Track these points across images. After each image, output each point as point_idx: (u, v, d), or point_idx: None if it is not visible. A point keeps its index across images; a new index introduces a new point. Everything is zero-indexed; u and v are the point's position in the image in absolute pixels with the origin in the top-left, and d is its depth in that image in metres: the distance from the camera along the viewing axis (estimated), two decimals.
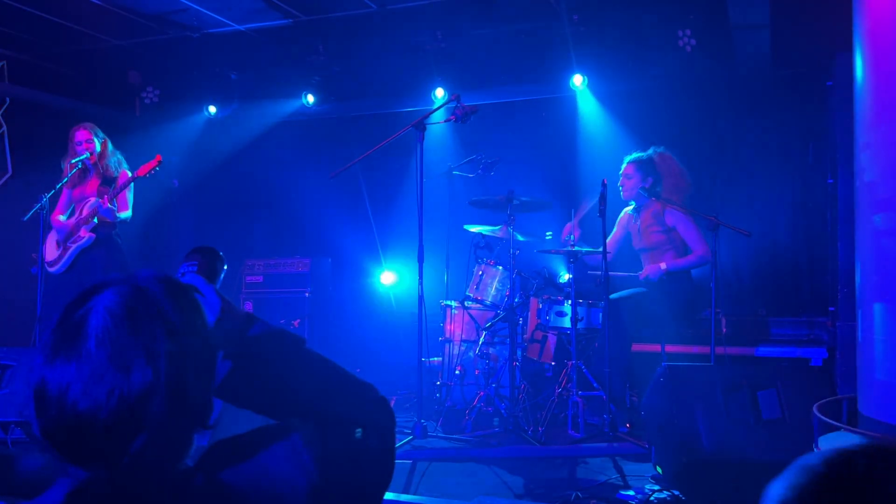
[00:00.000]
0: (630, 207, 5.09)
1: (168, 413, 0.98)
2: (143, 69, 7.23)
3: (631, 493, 3.36)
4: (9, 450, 3.88)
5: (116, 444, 0.96)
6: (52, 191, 5.17)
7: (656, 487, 3.39)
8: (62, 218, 5.31)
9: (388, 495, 3.22)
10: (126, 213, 5.29)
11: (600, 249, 4.46)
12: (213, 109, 7.02)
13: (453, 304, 5.12)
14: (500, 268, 4.90)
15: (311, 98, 6.67)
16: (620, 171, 4.98)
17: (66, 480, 0.99)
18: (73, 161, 5.19)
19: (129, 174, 5.29)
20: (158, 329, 1.00)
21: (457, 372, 4.89)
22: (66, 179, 5.24)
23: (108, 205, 5.11)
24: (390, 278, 7.21)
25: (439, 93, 6.32)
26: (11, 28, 6.39)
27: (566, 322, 4.62)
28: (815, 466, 0.79)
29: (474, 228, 5.11)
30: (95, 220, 5.18)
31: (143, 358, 0.97)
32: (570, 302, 4.55)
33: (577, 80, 5.93)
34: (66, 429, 0.95)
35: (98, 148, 5.26)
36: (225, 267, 1.41)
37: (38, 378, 0.98)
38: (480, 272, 4.98)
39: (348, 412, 1.22)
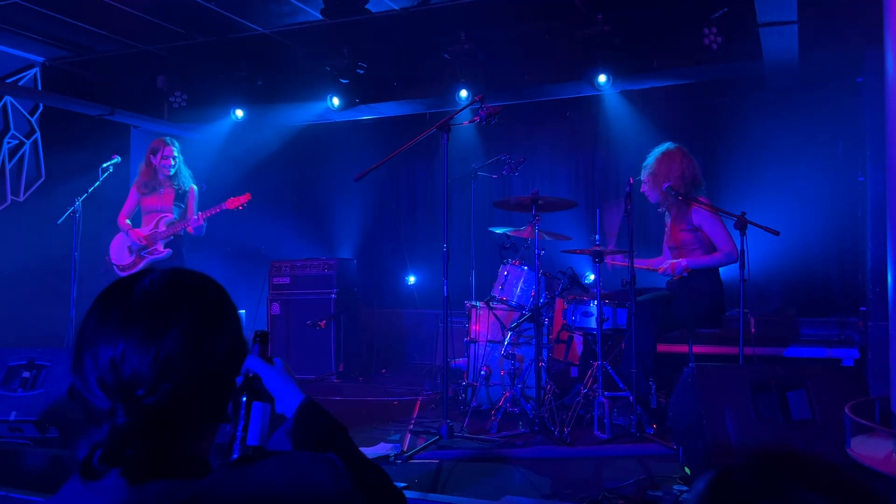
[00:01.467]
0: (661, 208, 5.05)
1: (199, 379, 1.06)
2: (171, 74, 7.34)
3: (659, 493, 3.34)
4: (43, 447, 3.96)
5: (155, 405, 1.03)
6: (85, 194, 5.29)
7: (684, 488, 3.37)
8: (129, 223, 5.59)
9: (415, 494, 3.23)
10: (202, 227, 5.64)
11: (626, 251, 4.44)
12: (239, 113, 7.10)
13: (479, 304, 5.13)
14: (526, 268, 4.90)
15: (336, 101, 6.71)
16: (641, 179, 4.94)
17: (90, 437, 1.04)
18: (162, 177, 5.51)
19: (195, 188, 5.64)
20: (204, 299, 1.12)
21: (482, 372, 4.89)
22: (142, 188, 5.56)
23: (202, 221, 5.46)
24: (415, 279, 7.23)
25: (463, 94, 6.33)
26: (44, 35, 6.52)
27: (592, 322, 4.61)
28: (700, 486, 0.83)
29: (500, 229, 5.11)
30: (172, 236, 5.43)
31: (176, 328, 1.06)
32: (595, 302, 4.54)
33: (602, 79, 5.90)
34: (112, 390, 1.03)
35: (179, 164, 5.54)
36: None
37: (87, 342, 1.06)
38: (506, 272, 4.98)
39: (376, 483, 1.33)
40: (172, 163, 5.53)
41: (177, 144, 5.64)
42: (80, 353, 1.06)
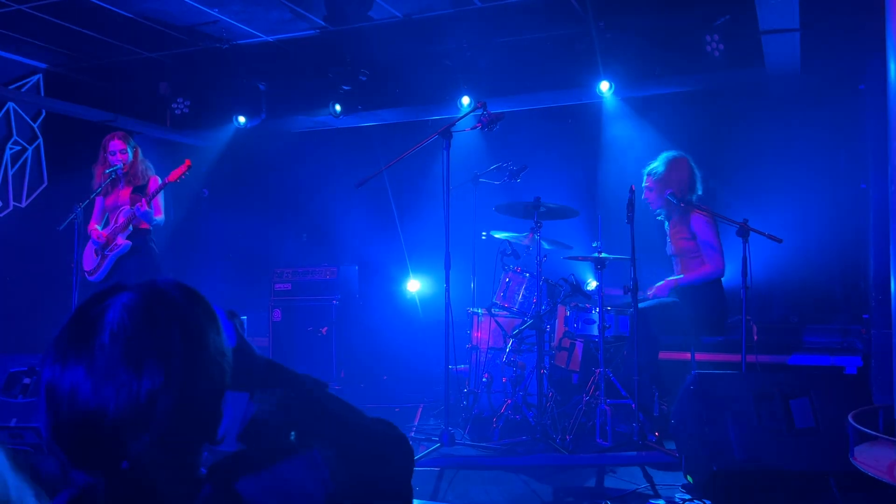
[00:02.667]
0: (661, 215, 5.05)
1: (175, 416, 0.96)
2: (173, 80, 7.35)
3: (661, 501, 3.32)
4: (43, 454, 3.95)
5: (121, 446, 0.94)
6: (87, 200, 5.28)
7: (687, 497, 3.35)
8: (98, 227, 5.42)
9: (416, 503, 3.22)
10: (160, 218, 5.37)
11: (628, 257, 4.43)
12: (242, 119, 7.11)
13: (480, 311, 5.12)
14: (527, 275, 4.89)
15: (338, 107, 6.72)
16: (643, 185, 4.95)
17: (67, 492, 0.98)
18: (107, 171, 5.28)
19: (159, 180, 5.38)
20: (175, 330, 0.99)
21: (484, 379, 4.88)
22: (99, 189, 5.34)
23: (147, 207, 5.18)
24: (417, 285, 7.23)
25: (465, 100, 6.33)
26: (46, 41, 6.54)
27: (594, 330, 4.60)
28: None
29: (501, 235, 5.11)
30: (131, 227, 5.27)
31: (155, 357, 0.96)
32: (597, 309, 4.53)
33: (604, 86, 5.91)
34: (74, 426, 0.94)
35: (130, 157, 5.36)
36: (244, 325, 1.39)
37: (49, 375, 0.96)
38: (507, 279, 4.97)
39: (369, 445, 1.23)
40: (121, 157, 5.29)
41: (131, 140, 5.40)
42: (40, 391, 0.97)
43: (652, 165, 4.94)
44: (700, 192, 4.86)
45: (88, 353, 0.95)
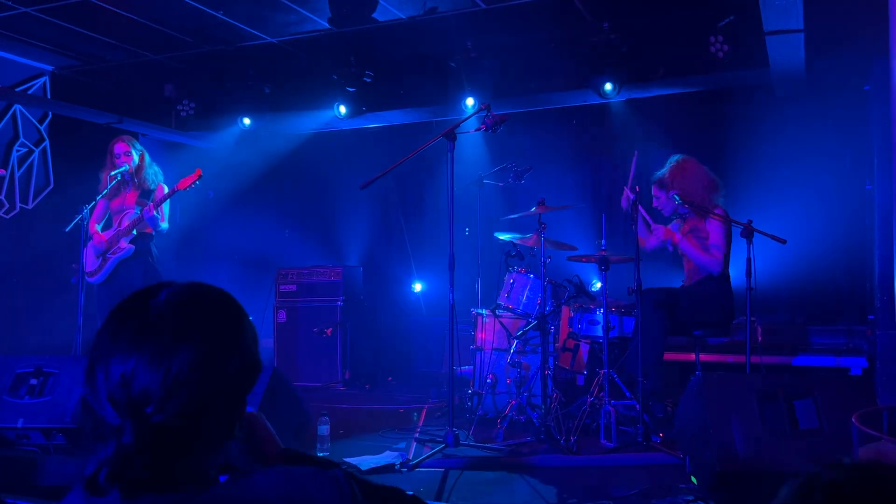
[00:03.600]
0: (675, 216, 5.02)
1: (209, 391, 1.05)
2: (178, 82, 7.39)
3: (666, 502, 3.32)
4: (50, 455, 3.97)
5: (163, 423, 1.02)
6: (93, 202, 5.30)
7: (690, 498, 3.35)
8: (98, 228, 5.43)
9: None
10: (165, 225, 5.39)
11: (632, 257, 4.43)
12: (247, 121, 7.13)
13: (484, 312, 5.12)
14: (532, 276, 4.89)
15: (343, 109, 6.74)
16: (653, 195, 4.92)
17: (81, 487, 1.03)
18: (113, 173, 5.31)
19: (165, 187, 5.40)
20: (217, 313, 1.11)
21: (488, 380, 4.88)
22: (105, 191, 5.37)
23: (153, 212, 5.20)
24: (421, 287, 7.24)
25: (469, 102, 6.34)
26: (52, 44, 6.58)
27: (598, 331, 4.60)
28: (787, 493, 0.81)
29: (505, 236, 5.11)
30: (135, 231, 5.29)
31: (200, 334, 1.06)
32: (601, 310, 4.53)
33: (608, 87, 5.91)
34: (122, 406, 1.02)
35: (136, 160, 5.38)
36: None
37: (100, 353, 1.05)
38: (511, 280, 4.98)
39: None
40: (125, 159, 5.30)
41: (136, 144, 5.43)
42: (93, 367, 1.05)
43: (658, 173, 4.91)
44: (721, 194, 4.79)
45: (138, 332, 1.04)
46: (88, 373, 1.06)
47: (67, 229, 5.25)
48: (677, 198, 4.71)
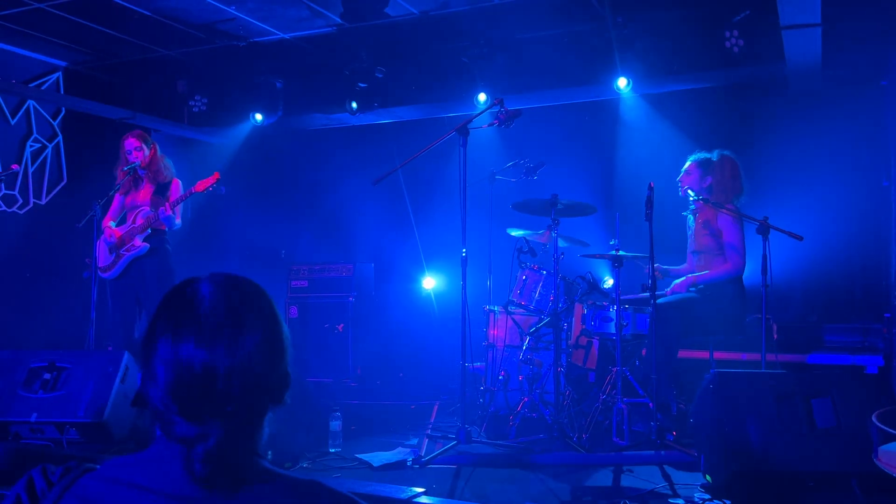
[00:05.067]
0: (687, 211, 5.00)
1: (268, 368, 1.11)
2: (191, 78, 7.39)
3: (680, 501, 3.30)
4: (64, 450, 3.99)
5: (228, 394, 1.06)
6: (106, 198, 5.32)
7: (706, 496, 3.32)
8: (112, 224, 5.45)
9: (432, 500, 3.21)
10: (179, 222, 5.42)
11: (646, 255, 4.39)
12: (259, 117, 7.13)
13: (497, 308, 5.10)
14: (544, 272, 4.87)
15: (355, 105, 6.73)
16: (683, 168, 4.89)
17: (155, 447, 1.08)
18: (126, 168, 5.32)
19: (182, 186, 5.42)
20: (261, 298, 1.16)
21: (500, 377, 4.87)
22: (118, 186, 5.38)
23: (170, 212, 5.22)
24: (433, 283, 7.22)
25: (482, 97, 6.31)
26: (66, 40, 6.59)
27: (611, 328, 4.57)
28: None
29: (517, 233, 5.09)
30: (149, 229, 5.31)
31: (252, 316, 1.12)
32: (615, 307, 4.50)
33: (622, 82, 5.86)
34: (189, 386, 1.06)
35: (147, 153, 5.39)
36: None
37: (161, 347, 1.08)
38: (524, 277, 4.95)
39: None
40: (137, 154, 5.31)
41: (147, 138, 5.44)
42: (151, 363, 1.08)
43: (702, 154, 4.88)
44: (742, 198, 4.78)
45: (195, 321, 1.08)
46: (147, 368, 1.09)
47: (80, 225, 5.27)
48: (692, 193, 4.68)
